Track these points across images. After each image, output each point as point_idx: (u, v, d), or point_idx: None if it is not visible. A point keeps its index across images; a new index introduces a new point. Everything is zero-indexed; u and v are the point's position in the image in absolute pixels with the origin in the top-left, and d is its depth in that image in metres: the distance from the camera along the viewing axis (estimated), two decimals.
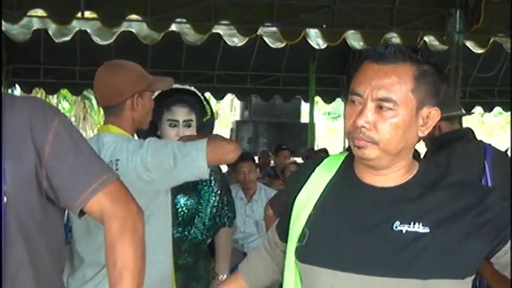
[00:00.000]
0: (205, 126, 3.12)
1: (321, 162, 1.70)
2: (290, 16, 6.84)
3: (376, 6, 7.02)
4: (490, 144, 3.40)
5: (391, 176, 1.58)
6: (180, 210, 3.01)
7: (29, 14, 6.58)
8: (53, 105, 2.05)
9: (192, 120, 2.96)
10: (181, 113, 2.95)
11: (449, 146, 3.25)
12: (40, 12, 6.61)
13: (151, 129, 3.08)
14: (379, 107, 1.49)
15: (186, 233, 3.03)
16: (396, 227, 1.51)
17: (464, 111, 3.47)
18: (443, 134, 3.34)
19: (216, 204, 3.11)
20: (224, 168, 6.05)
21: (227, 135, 12.53)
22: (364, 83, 1.51)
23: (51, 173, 1.53)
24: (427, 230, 1.50)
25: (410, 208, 1.54)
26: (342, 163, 1.68)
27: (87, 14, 6.62)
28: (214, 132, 3.21)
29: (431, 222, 1.51)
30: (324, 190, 1.63)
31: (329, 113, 29.91)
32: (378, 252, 1.51)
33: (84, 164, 1.59)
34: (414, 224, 1.51)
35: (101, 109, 2.75)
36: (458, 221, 1.51)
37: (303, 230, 1.61)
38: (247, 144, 11.05)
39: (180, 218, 3.01)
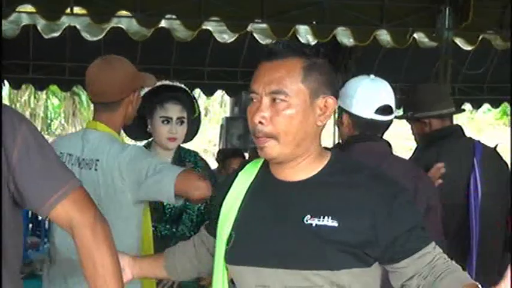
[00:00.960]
0: (192, 124, 3.12)
1: (243, 167, 1.77)
2: (280, 12, 6.84)
3: (366, 3, 7.02)
4: (479, 141, 3.42)
5: (299, 167, 1.63)
6: (167, 207, 3.01)
7: (17, 9, 6.54)
8: (18, 111, 2.09)
9: (184, 117, 2.97)
10: (174, 110, 2.95)
11: (439, 142, 3.26)
12: (29, 8, 6.57)
13: (141, 126, 3.07)
14: (273, 101, 1.56)
15: (173, 230, 3.03)
16: (307, 221, 1.58)
17: (454, 109, 3.48)
18: (433, 130, 3.35)
19: (204, 201, 3.10)
20: (214, 165, 6.06)
21: (217, 132, 12.50)
22: (258, 80, 1.60)
23: (19, 177, 1.57)
24: (335, 223, 1.56)
25: (321, 201, 1.60)
26: (261, 166, 1.74)
27: (77, 9, 6.58)
28: (202, 128, 3.22)
29: (340, 217, 1.57)
30: (245, 193, 1.69)
31: None
32: (291, 246, 1.58)
33: (50, 169, 1.63)
34: (324, 217, 1.57)
35: (91, 105, 2.73)
36: (366, 222, 1.57)
37: (230, 233, 1.67)
38: (237, 141, 11.04)
39: (168, 215, 3.00)
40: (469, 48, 7.59)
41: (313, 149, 1.63)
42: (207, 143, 18.79)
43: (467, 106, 10.41)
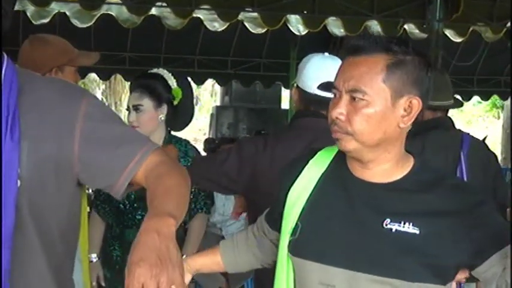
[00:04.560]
0: (179, 110, 3.07)
1: (313, 155, 1.69)
2: (271, 1, 6.82)
3: None
4: (468, 134, 3.42)
5: (379, 169, 1.57)
6: None
7: None
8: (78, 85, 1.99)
9: (141, 104, 2.94)
10: (132, 99, 2.98)
11: (426, 133, 3.26)
12: None
13: None
14: (353, 98, 1.49)
15: None
16: (386, 225, 1.52)
17: (450, 102, 3.45)
18: (423, 121, 3.35)
19: (192, 190, 3.09)
20: (203, 153, 6.06)
21: (207, 121, 12.49)
22: (339, 76, 1.53)
23: (88, 154, 1.46)
24: (416, 231, 1.50)
25: (402, 207, 1.53)
26: (334, 156, 1.67)
27: None
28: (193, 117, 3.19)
29: (422, 224, 1.50)
30: (316, 184, 1.63)
31: None
32: (366, 250, 1.51)
33: (121, 138, 1.51)
34: (404, 223, 1.51)
35: None
36: (449, 229, 1.50)
37: (296, 223, 1.60)
38: (227, 130, 11.05)
39: None
40: (459, 40, 7.60)
41: (395, 152, 1.57)
42: (197, 132, 18.77)
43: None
